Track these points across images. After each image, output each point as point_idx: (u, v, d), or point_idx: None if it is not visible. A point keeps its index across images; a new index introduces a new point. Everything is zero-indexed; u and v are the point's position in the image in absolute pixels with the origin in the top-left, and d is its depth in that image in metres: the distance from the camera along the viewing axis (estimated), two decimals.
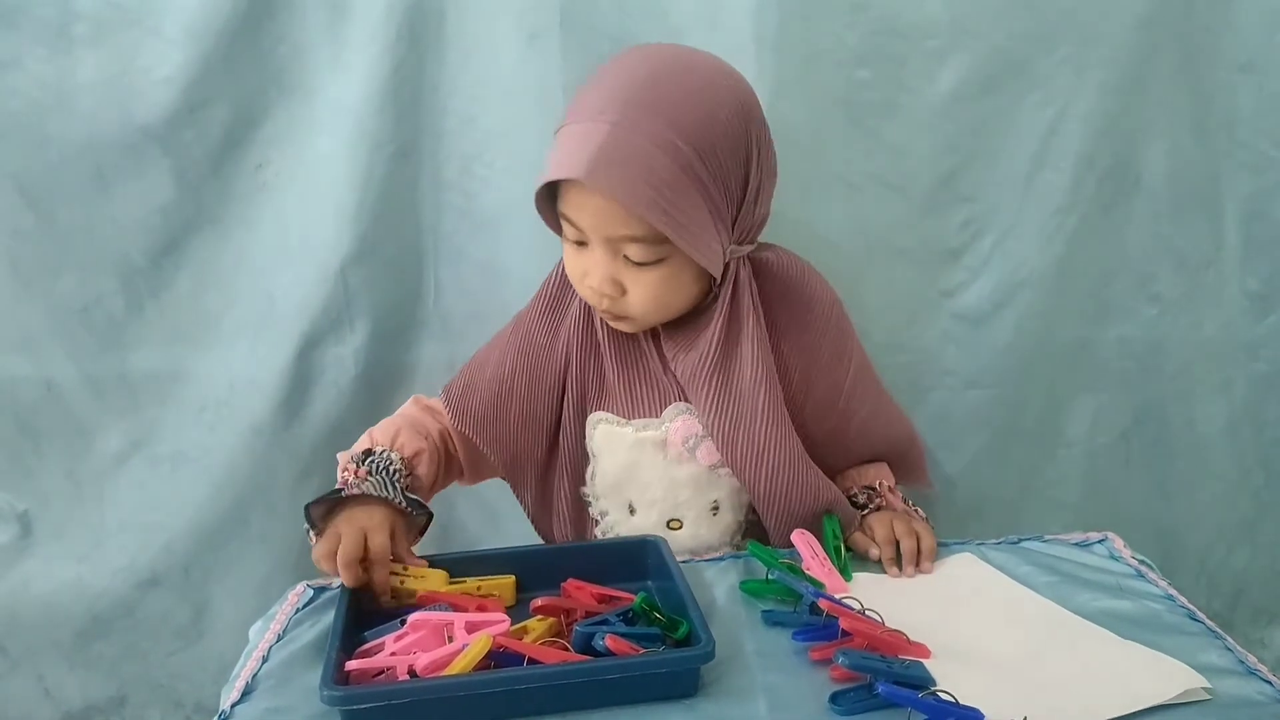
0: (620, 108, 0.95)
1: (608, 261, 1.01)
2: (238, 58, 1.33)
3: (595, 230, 0.99)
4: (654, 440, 1.10)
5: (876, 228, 1.44)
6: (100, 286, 1.41)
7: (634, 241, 0.99)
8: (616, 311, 1.05)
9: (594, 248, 1.01)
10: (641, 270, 1.01)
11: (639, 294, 1.02)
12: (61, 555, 1.51)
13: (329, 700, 0.79)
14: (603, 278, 1.01)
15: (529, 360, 1.14)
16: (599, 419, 1.13)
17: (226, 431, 1.47)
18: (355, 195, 1.38)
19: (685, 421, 1.10)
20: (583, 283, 1.05)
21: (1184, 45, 1.39)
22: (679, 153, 0.94)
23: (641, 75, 0.99)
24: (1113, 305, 1.50)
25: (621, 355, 1.11)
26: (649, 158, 0.94)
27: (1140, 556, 1.05)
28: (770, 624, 0.93)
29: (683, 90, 0.98)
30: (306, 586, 1.03)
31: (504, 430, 1.15)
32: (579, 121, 0.98)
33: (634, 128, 0.94)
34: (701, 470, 1.11)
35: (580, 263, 1.04)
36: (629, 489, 1.13)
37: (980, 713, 0.77)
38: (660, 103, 0.96)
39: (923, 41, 1.36)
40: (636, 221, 0.97)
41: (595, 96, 0.98)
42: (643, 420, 1.11)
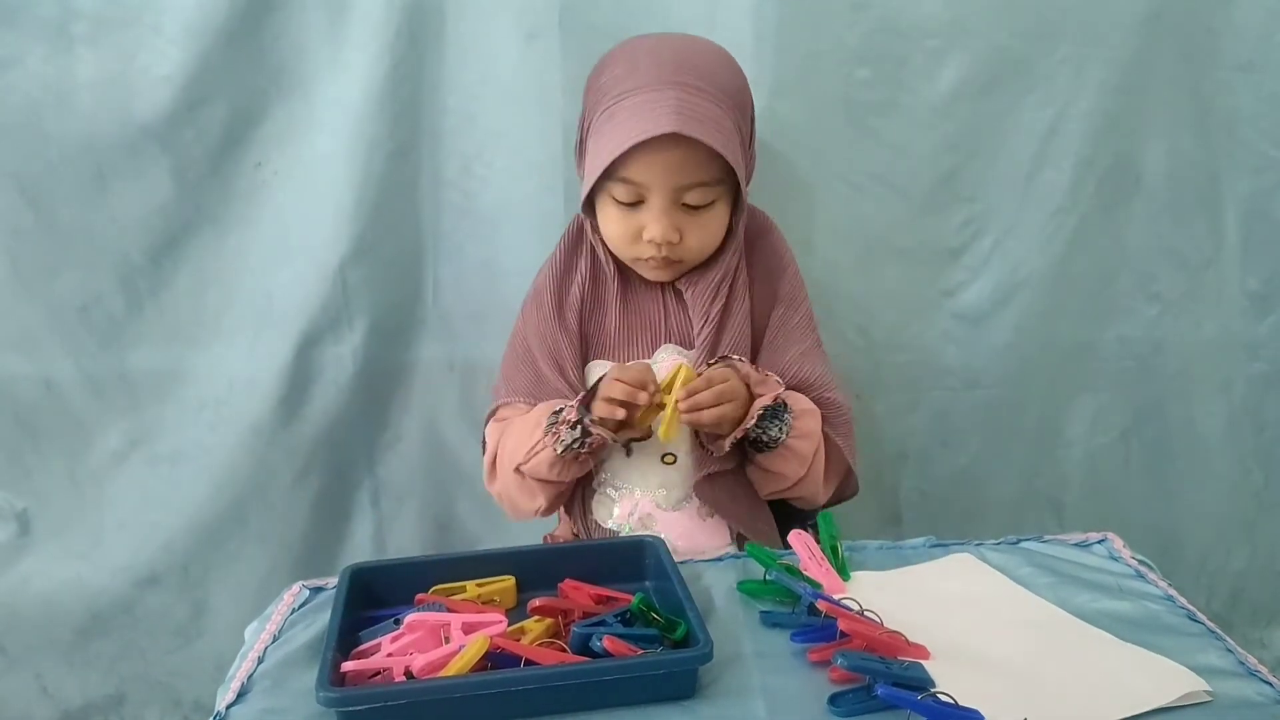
0: (676, 76, 1.09)
1: (670, 211, 1.13)
2: (237, 56, 1.33)
3: (665, 181, 1.11)
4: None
5: (876, 227, 1.44)
6: (99, 285, 1.41)
7: (699, 186, 1.12)
8: (674, 257, 1.15)
9: (653, 202, 1.12)
10: (697, 214, 1.14)
11: (696, 236, 1.15)
12: (60, 553, 1.51)
13: (325, 701, 0.79)
14: (667, 226, 1.12)
15: (545, 316, 1.20)
16: (595, 365, 1.20)
17: (225, 430, 1.47)
18: (354, 194, 1.38)
19: (675, 359, 1.17)
20: (636, 240, 1.15)
21: (1184, 45, 1.39)
22: (728, 109, 1.11)
23: (676, 52, 1.13)
24: (1113, 305, 1.50)
25: (626, 301, 1.20)
26: (714, 113, 1.09)
27: (1140, 557, 1.05)
28: (769, 625, 0.93)
29: (717, 62, 1.15)
30: (302, 587, 1.03)
31: (531, 377, 1.21)
32: (639, 92, 1.09)
33: (696, 91, 1.09)
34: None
35: (632, 222, 1.14)
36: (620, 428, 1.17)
37: (980, 714, 0.77)
38: (705, 70, 1.12)
39: (923, 41, 1.37)
40: (703, 167, 1.11)
41: (643, 72, 1.11)
42: (634, 361, 1.18)
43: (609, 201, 1.15)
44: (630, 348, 1.20)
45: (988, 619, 0.94)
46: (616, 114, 1.10)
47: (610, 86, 1.12)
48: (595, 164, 1.11)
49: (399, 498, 1.55)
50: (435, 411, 1.52)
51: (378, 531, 1.56)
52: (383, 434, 1.52)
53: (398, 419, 1.52)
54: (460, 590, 0.97)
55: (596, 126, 1.13)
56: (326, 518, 1.54)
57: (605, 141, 1.10)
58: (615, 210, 1.15)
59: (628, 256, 1.18)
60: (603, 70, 1.16)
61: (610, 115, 1.11)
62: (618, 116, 1.10)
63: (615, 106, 1.11)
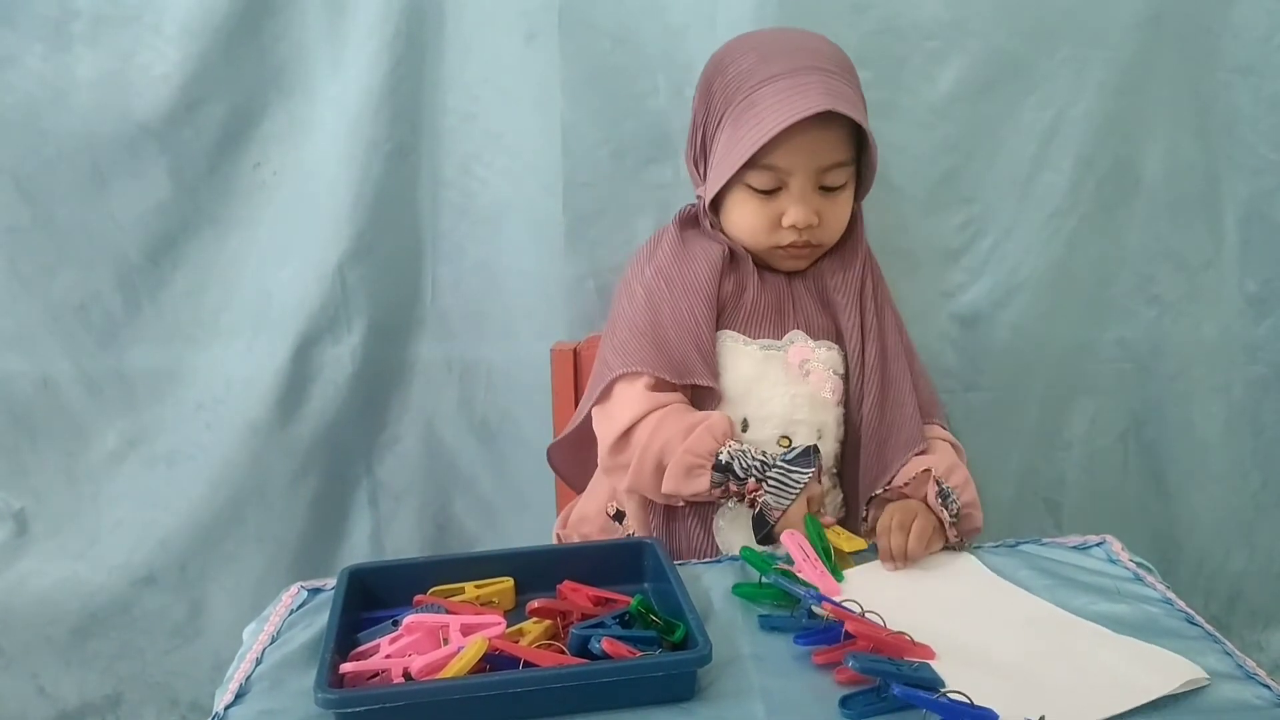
0: (811, 61, 1.12)
1: (810, 194, 1.15)
2: (236, 56, 1.33)
3: (809, 163, 1.13)
4: (777, 357, 1.18)
5: (876, 228, 1.42)
6: (97, 284, 1.41)
7: (838, 167, 1.15)
8: (813, 241, 1.17)
9: (794, 186, 1.14)
10: (833, 195, 1.16)
11: (833, 216, 1.17)
12: (57, 553, 1.51)
13: (323, 703, 0.79)
14: (808, 210, 1.14)
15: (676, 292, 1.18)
16: (725, 335, 1.19)
17: (223, 429, 1.47)
18: (353, 194, 1.38)
19: (801, 347, 1.19)
20: (775, 228, 1.16)
21: (1183, 47, 1.39)
22: (859, 90, 1.16)
23: (797, 41, 1.17)
24: (1111, 307, 1.50)
25: (763, 287, 1.20)
26: (851, 94, 1.13)
27: (1138, 559, 1.05)
28: (768, 629, 0.92)
29: (829, 47, 1.17)
30: (300, 588, 1.03)
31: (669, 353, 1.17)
32: (780, 78, 1.11)
33: (831, 75, 1.12)
34: (814, 392, 1.18)
35: (770, 210, 1.15)
36: (748, 402, 1.17)
37: (995, 713, 0.76)
38: (829, 55, 1.15)
39: (922, 42, 1.37)
40: (841, 147, 1.14)
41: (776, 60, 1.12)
42: (766, 340, 1.19)
43: (744, 191, 1.16)
44: (761, 326, 1.19)
45: (984, 617, 0.94)
46: (759, 100, 1.11)
47: (744, 78, 1.13)
48: (737, 153, 1.11)
49: (397, 497, 1.55)
50: (434, 411, 1.51)
51: (375, 531, 1.56)
52: (381, 434, 1.52)
53: (396, 419, 1.52)
54: (459, 591, 0.97)
55: (734, 116, 1.13)
56: (324, 517, 1.54)
57: (749, 129, 1.11)
58: (751, 199, 1.16)
59: (764, 246, 1.18)
60: (726, 66, 1.16)
61: (751, 103, 1.12)
62: (761, 103, 1.11)
63: (755, 94, 1.12)
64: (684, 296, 1.18)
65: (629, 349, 1.18)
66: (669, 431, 1.12)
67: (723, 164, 1.14)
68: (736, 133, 1.12)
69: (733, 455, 1.09)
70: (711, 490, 1.10)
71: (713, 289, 1.18)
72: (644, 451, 1.13)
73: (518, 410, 1.51)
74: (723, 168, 1.14)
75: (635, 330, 1.18)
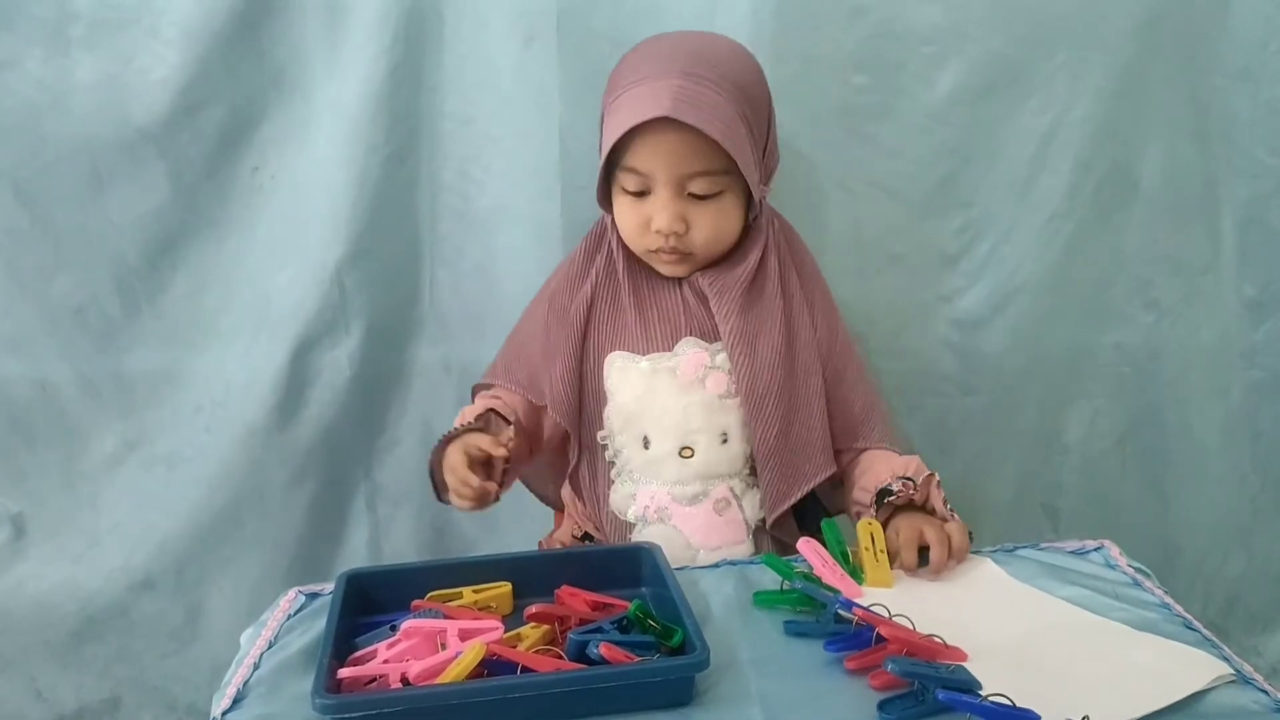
0: (683, 66, 1.10)
1: (674, 200, 1.13)
2: (234, 60, 1.33)
3: (667, 169, 1.11)
4: (667, 369, 1.17)
5: (873, 233, 1.44)
6: (95, 287, 1.41)
7: (701, 175, 1.11)
8: (682, 248, 1.15)
9: (659, 191, 1.13)
10: (703, 204, 1.13)
11: (703, 226, 1.14)
12: (55, 556, 1.51)
13: (321, 708, 0.79)
14: (672, 216, 1.12)
15: (553, 314, 1.22)
16: (615, 357, 1.19)
17: (221, 433, 1.47)
18: (351, 197, 1.38)
19: (696, 354, 1.18)
20: (645, 230, 1.15)
21: (1181, 52, 1.40)
22: (734, 100, 1.10)
23: (690, 45, 1.14)
24: (1109, 311, 1.50)
25: (641, 298, 1.20)
26: (715, 101, 1.09)
27: (1137, 565, 1.05)
28: (794, 635, 0.92)
29: (729, 54, 1.14)
30: (298, 593, 1.03)
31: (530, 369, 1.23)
32: (644, 81, 1.10)
33: (700, 80, 1.09)
34: (711, 397, 1.17)
35: (640, 213, 1.15)
36: (643, 420, 1.17)
37: (1036, 714, 0.76)
38: (714, 62, 1.11)
39: (920, 46, 1.37)
40: (706, 156, 1.10)
41: (653, 63, 1.12)
42: (656, 354, 1.18)
43: (620, 193, 1.16)
44: (650, 340, 1.19)
45: (1008, 620, 0.94)
46: (621, 105, 1.12)
47: (620, 79, 1.14)
48: (602, 151, 1.13)
49: (395, 501, 1.55)
50: (432, 415, 1.51)
51: (374, 535, 1.56)
52: (379, 437, 1.52)
53: (394, 422, 1.52)
54: (457, 596, 0.97)
55: (606, 118, 1.15)
56: (322, 521, 1.54)
57: (607, 129, 1.12)
58: (626, 200, 1.16)
59: (640, 248, 1.18)
60: (619, 66, 1.17)
61: (616, 108, 1.12)
62: (623, 107, 1.11)
63: (621, 97, 1.12)
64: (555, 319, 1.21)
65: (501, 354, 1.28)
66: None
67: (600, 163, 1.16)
68: (605, 133, 1.14)
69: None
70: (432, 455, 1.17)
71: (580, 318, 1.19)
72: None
73: None
74: (599, 167, 1.16)
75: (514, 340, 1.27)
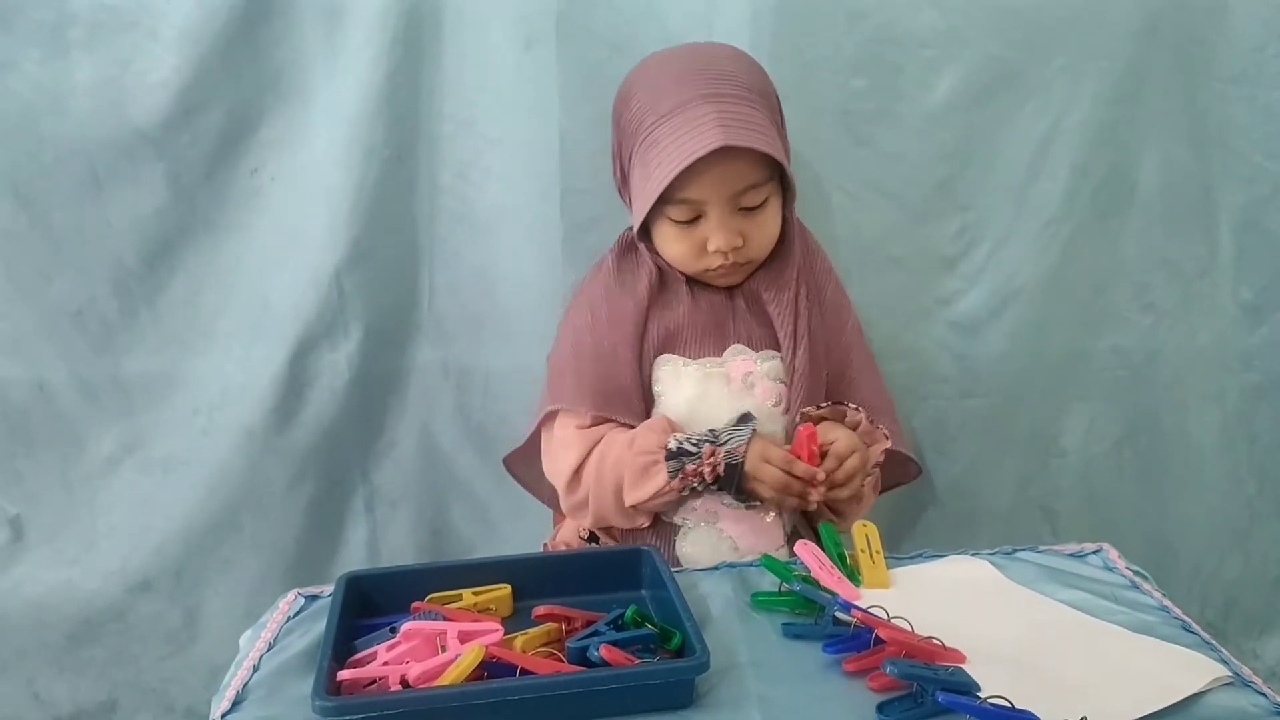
0: (708, 88, 1.11)
1: (730, 219, 1.14)
2: (233, 62, 1.33)
3: (721, 191, 1.13)
4: (719, 374, 1.19)
5: (872, 236, 1.44)
6: (94, 289, 1.41)
7: (753, 188, 1.14)
8: (740, 260, 1.17)
9: (713, 214, 1.14)
10: (754, 215, 1.16)
11: (757, 235, 1.17)
12: (53, 558, 1.50)
13: (321, 710, 0.79)
14: (730, 233, 1.14)
15: (600, 327, 1.21)
16: (664, 360, 1.21)
17: (219, 435, 1.47)
18: (350, 200, 1.38)
19: (743, 360, 1.20)
20: (701, 253, 1.16)
21: (1178, 57, 1.40)
22: (763, 107, 1.14)
23: (700, 63, 1.15)
24: (1107, 314, 1.50)
25: (692, 305, 1.21)
26: (751, 115, 1.11)
27: (1135, 567, 1.05)
28: (792, 637, 0.92)
29: (736, 63, 1.16)
30: (298, 595, 1.03)
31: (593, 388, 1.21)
32: (677, 112, 1.11)
33: (729, 99, 1.11)
34: (760, 404, 1.19)
35: (693, 238, 1.16)
36: (694, 423, 1.18)
37: (1036, 716, 0.76)
38: (733, 76, 1.14)
39: (919, 50, 1.37)
40: (753, 169, 1.13)
41: (674, 90, 1.12)
42: (706, 359, 1.20)
43: (666, 223, 1.16)
44: (703, 346, 1.20)
45: (1006, 621, 0.95)
46: (659, 139, 1.11)
47: (644, 113, 1.14)
48: (648, 192, 1.12)
49: (393, 504, 1.55)
50: (430, 417, 1.51)
51: (372, 538, 1.55)
52: (378, 440, 1.52)
53: (393, 425, 1.52)
54: (456, 599, 0.97)
55: (640, 156, 1.14)
56: (321, 524, 1.53)
57: (654, 169, 1.11)
58: (674, 230, 1.16)
59: (694, 270, 1.19)
60: (629, 100, 1.16)
61: (653, 142, 1.12)
62: (661, 142, 1.11)
63: (655, 132, 1.12)
64: (608, 331, 1.20)
65: (555, 385, 1.23)
66: (615, 451, 1.16)
67: (639, 200, 1.15)
68: (645, 171, 1.13)
69: (680, 441, 1.13)
70: (670, 483, 1.12)
71: (637, 324, 1.20)
72: (598, 481, 1.17)
73: (514, 416, 1.50)
74: (640, 204, 1.15)
75: (562, 365, 1.24)
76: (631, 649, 0.86)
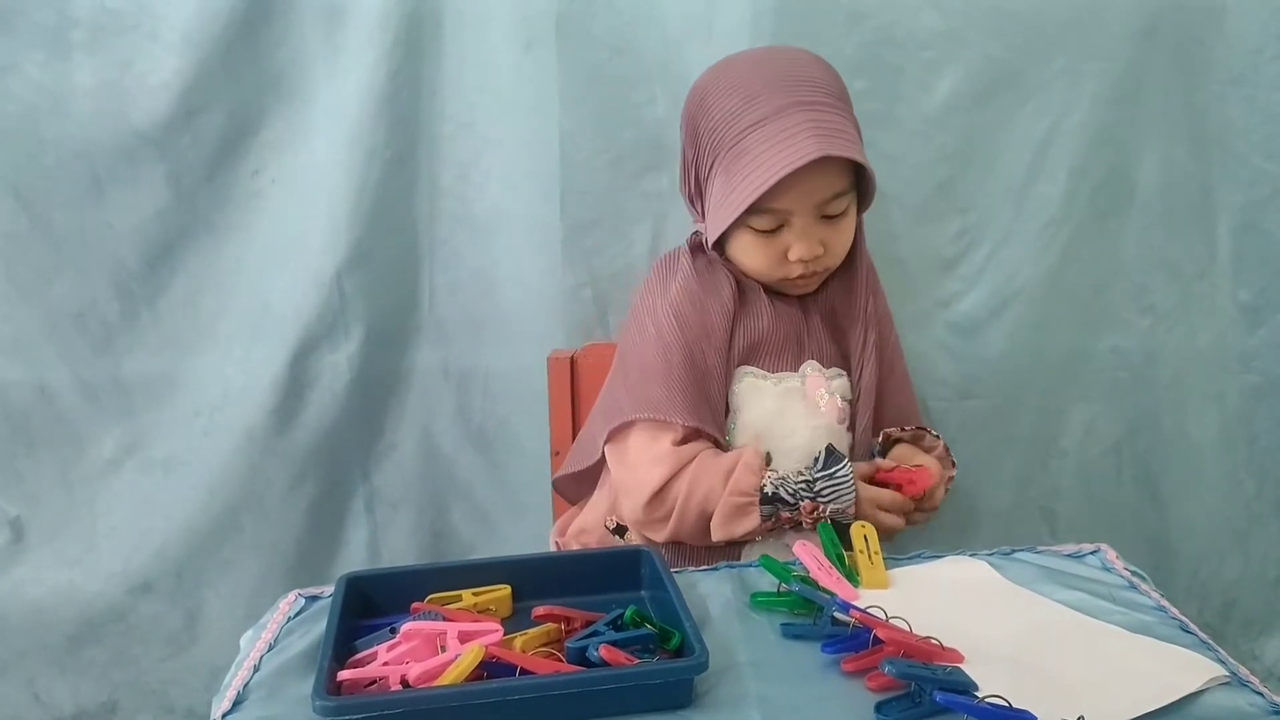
0: (792, 95, 1.09)
1: (813, 227, 1.14)
2: (234, 63, 1.33)
3: (808, 200, 1.12)
4: (796, 390, 1.20)
5: (871, 237, 1.42)
6: (95, 291, 1.41)
7: (838, 196, 1.13)
8: (820, 268, 1.17)
9: (798, 223, 1.13)
10: (835, 222, 1.15)
11: (837, 243, 1.17)
12: (53, 560, 1.51)
13: (321, 710, 0.78)
14: (812, 242, 1.14)
15: (688, 336, 1.18)
16: (745, 373, 1.20)
17: (220, 437, 1.47)
18: (351, 201, 1.38)
19: (816, 378, 1.21)
20: (782, 262, 1.16)
21: (1176, 58, 1.40)
22: (845, 113, 1.13)
23: (782, 69, 1.13)
24: (1106, 316, 1.51)
25: (778, 320, 1.21)
26: (839, 123, 1.11)
27: (1133, 568, 1.05)
28: (791, 637, 0.92)
29: (818, 69, 1.14)
30: (298, 595, 1.03)
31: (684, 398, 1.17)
32: (767, 122, 1.08)
33: (817, 107, 1.10)
34: (833, 423, 1.21)
35: (775, 247, 1.15)
36: (771, 438, 1.19)
37: (1033, 715, 0.76)
38: (815, 81, 1.12)
39: (918, 52, 1.37)
40: (838, 177, 1.12)
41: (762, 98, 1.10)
42: (782, 374, 1.20)
43: (746, 232, 1.15)
44: (781, 360, 1.21)
45: (1004, 621, 0.94)
46: (750, 148, 1.09)
47: (729, 122, 1.11)
48: (734, 201, 1.10)
49: (394, 505, 1.55)
50: (431, 419, 1.52)
51: (372, 539, 1.56)
52: (378, 441, 1.52)
53: (393, 426, 1.52)
54: (456, 599, 0.97)
55: (725, 165, 1.11)
56: (321, 525, 1.53)
57: (745, 178, 1.09)
58: (755, 239, 1.15)
59: (773, 279, 1.18)
60: (709, 104, 1.13)
61: (742, 150, 1.10)
62: (752, 150, 1.09)
63: (743, 141, 1.10)
64: (698, 340, 1.17)
65: (645, 393, 1.17)
66: (708, 480, 1.14)
67: (720, 211, 1.13)
68: (730, 181, 1.11)
69: (776, 485, 1.11)
70: (763, 524, 1.12)
71: (726, 333, 1.18)
72: (685, 504, 1.15)
73: (515, 418, 1.51)
74: (720, 215, 1.13)
75: (649, 372, 1.17)
76: (631, 649, 0.86)
